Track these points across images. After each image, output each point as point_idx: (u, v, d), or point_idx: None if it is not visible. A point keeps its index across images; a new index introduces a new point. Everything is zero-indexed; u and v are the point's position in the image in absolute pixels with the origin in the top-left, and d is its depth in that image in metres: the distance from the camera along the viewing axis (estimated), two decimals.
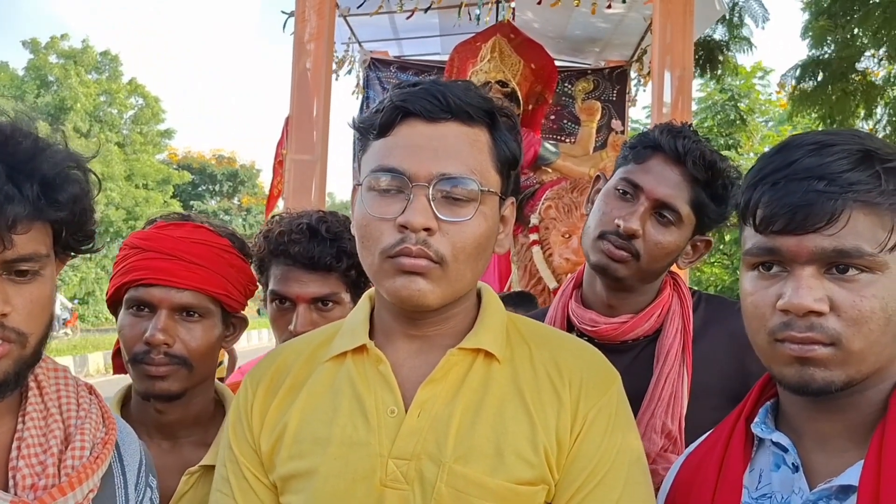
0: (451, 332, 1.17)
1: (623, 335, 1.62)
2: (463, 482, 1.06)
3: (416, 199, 1.06)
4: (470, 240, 1.09)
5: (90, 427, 1.04)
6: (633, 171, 1.59)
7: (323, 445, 1.11)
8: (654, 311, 1.63)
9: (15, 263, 0.93)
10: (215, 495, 1.21)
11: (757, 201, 0.99)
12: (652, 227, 1.56)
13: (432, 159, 1.08)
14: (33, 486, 0.95)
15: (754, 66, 15.83)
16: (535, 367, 1.16)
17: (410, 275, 1.07)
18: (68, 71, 27.07)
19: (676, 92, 4.85)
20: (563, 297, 1.74)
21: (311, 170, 4.59)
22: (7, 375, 0.93)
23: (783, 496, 1.03)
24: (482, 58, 5.01)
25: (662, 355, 1.59)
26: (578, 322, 1.66)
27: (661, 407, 1.55)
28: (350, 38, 6.27)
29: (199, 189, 31.30)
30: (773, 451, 1.07)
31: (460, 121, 1.11)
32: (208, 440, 1.49)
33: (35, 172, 0.91)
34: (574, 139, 5.78)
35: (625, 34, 6.09)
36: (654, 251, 1.57)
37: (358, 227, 1.14)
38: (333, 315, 1.72)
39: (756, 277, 1.02)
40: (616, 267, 1.57)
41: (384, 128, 1.13)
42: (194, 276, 1.43)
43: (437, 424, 1.09)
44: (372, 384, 1.14)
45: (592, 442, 1.10)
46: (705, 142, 1.61)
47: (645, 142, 1.61)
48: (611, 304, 1.65)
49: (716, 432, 1.17)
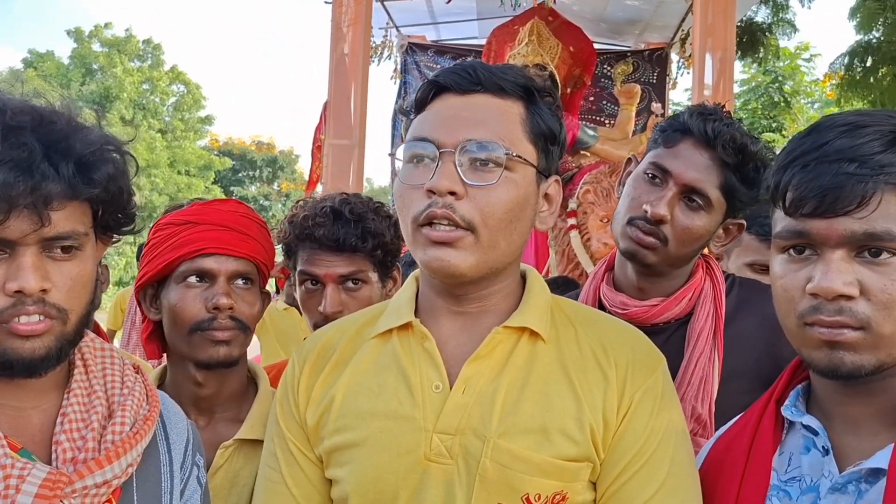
0: (495, 310, 1.18)
1: (653, 318, 1.61)
2: (508, 457, 1.07)
3: (444, 165, 1.08)
4: (497, 205, 1.09)
5: (132, 403, 1.07)
6: (662, 155, 1.58)
7: (368, 419, 1.14)
8: (686, 295, 1.61)
9: (54, 241, 0.95)
10: (264, 469, 1.24)
11: (787, 184, 0.98)
12: (680, 211, 1.55)
13: (460, 126, 1.10)
14: (73, 460, 0.98)
15: (799, 47, 15.47)
16: (581, 347, 1.16)
17: (440, 245, 1.09)
18: (112, 59, 27.48)
19: (718, 74, 4.78)
20: (594, 280, 1.74)
21: (348, 154, 4.62)
22: (49, 351, 0.96)
23: (812, 479, 1.02)
24: (520, 41, 4.98)
25: (693, 338, 1.57)
26: (609, 305, 1.66)
27: (692, 390, 1.53)
28: (388, 23, 6.27)
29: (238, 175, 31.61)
30: (804, 434, 1.06)
31: (491, 93, 1.13)
32: (242, 416, 1.53)
33: (70, 151, 0.94)
34: (613, 121, 5.72)
35: (665, 15, 6.01)
36: (683, 236, 1.55)
37: (396, 199, 1.17)
38: (362, 294, 1.74)
39: (786, 261, 1.01)
40: (645, 253, 1.56)
41: (420, 104, 1.17)
42: (246, 245, 1.50)
43: (482, 400, 1.11)
44: (417, 360, 1.15)
45: (639, 422, 1.11)
46: (738, 124, 1.58)
47: (675, 125, 1.59)
48: (641, 288, 1.64)
49: (746, 415, 1.16)
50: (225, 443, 1.48)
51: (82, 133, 0.97)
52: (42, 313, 0.95)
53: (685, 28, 5.97)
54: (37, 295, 0.94)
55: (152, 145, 25.81)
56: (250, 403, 1.55)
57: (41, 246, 0.95)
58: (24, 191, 0.89)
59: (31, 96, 0.99)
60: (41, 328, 0.95)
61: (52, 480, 0.93)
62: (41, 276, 0.94)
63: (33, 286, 0.93)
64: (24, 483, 0.91)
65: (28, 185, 0.90)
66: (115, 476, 0.99)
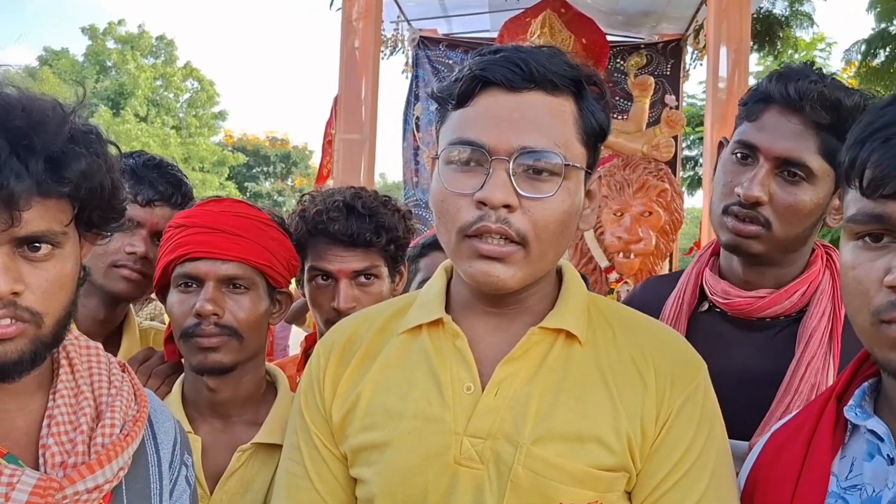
0: (532, 310, 1.13)
1: (759, 311, 1.43)
2: (541, 465, 1.03)
3: (496, 174, 1.02)
4: (553, 218, 1.04)
5: (121, 404, 1.03)
6: (747, 130, 1.40)
7: (396, 419, 1.10)
8: (799, 288, 1.42)
9: (28, 241, 0.91)
10: (286, 463, 1.21)
11: (865, 160, 0.87)
12: (779, 188, 1.36)
13: (513, 131, 1.03)
14: (62, 464, 0.95)
15: (814, 38, 15.30)
16: (619, 351, 1.11)
17: (489, 260, 1.04)
18: (125, 56, 27.62)
19: (733, 65, 4.72)
20: (698, 263, 1.57)
21: (359, 149, 4.60)
22: (22, 355, 0.92)
23: (874, 489, 0.92)
24: (532, 34, 4.94)
25: (805, 339, 1.39)
26: (710, 293, 1.49)
27: (800, 400, 1.34)
28: (398, 17, 6.24)
29: (253, 171, 31.67)
30: (868, 440, 0.96)
31: (544, 90, 1.05)
32: (259, 420, 1.51)
33: (38, 146, 0.89)
34: (626, 116, 5.67)
35: (679, 7, 5.94)
36: (787, 215, 1.36)
37: (434, 202, 1.10)
38: (374, 290, 1.72)
39: (860, 248, 0.90)
40: (748, 243, 1.39)
41: (463, 97, 1.08)
42: (237, 247, 1.44)
43: (515, 404, 1.07)
44: (448, 359, 1.11)
45: (678, 433, 1.06)
46: (830, 78, 1.38)
47: (756, 95, 1.42)
48: (748, 280, 1.46)
49: (803, 413, 1.07)
50: (242, 446, 1.45)
51: (52, 126, 0.91)
52: (13, 317, 0.91)
53: (699, 19, 5.90)
54: (7, 298, 0.89)
55: (166, 142, 25.91)
56: (268, 406, 1.53)
57: (13, 246, 0.90)
58: None
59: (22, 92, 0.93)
60: (12, 332, 0.91)
61: (43, 487, 0.90)
62: (12, 277, 0.90)
63: (2, 289, 0.88)
64: (14, 491, 0.88)
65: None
66: (107, 480, 0.96)
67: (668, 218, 4.71)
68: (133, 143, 21.22)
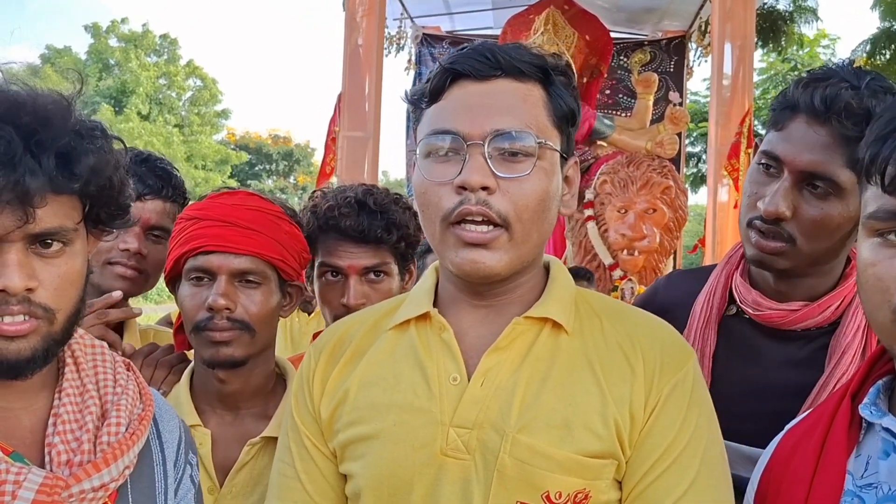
0: (518, 302, 1.14)
1: (792, 324, 1.37)
2: (528, 453, 1.03)
3: (472, 158, 1.04)
4: (532, 197, 1.05)
5: (126, 403, 1.03)
6: (772, 140, 1.33)
7: (383, 411, 1.10)
8: (833, 302, 1.35)
9: (41, 237, 0.91)
10: (277, 464, 1.21)
11: (886, 157, 0.84)
12: (805, 202, 1.28)
13: (485, 116, 1.05)
14: (69, 463, 0.95)
15: (818, 34, 15.28)
16: (607, 340, 1.11)
17: (474, 247, 1.05)
18: (128, 54, 27.64)
19: (737, 62, 4.72)
20: (728, 265, 1.50)
21: (363, 146, 4.61)
22: (35, 352, 0.92)
23: (890, 487, 0.91)
24: (535, 30, 4.94)
25: (837, 354, 1.32)
26: (740, 300, 1.43)
27: None
28: (402, 14, 6.25)
29: (255, 168, 31.69)
30: (883, 438, 0.93)
31: (512, 77, 1.08)
32: (269, 413, 1.51)
33: (49, 143, 0.89)
34: (630, 113, 5.67)
35: (682, 3, 5.95)
36: (813, 230, 1.29)
37: (417, 195, 1.11)
38: (383, 287, 1.71)
39: (880, 245, 0.88)
40: (773, 259, 1.33)
41: (435, 93, 1.11)
42: (250, 241, 1.44)
43: (501, 393, 1.07)
44: (434, 351, 1.12)
45: (668, 419, 1.06)
46: (866, 80, 1.27)
47: (783, 102, 1.34)
48: (780, 290, 1.39)
49: (817, 411, 1.06)
50: (252, 440, 1.45)
51: (57, 120, 0.91)
52: (27, 313, 0.91)
53: (703, 16, 5.89)
54: (22, 294, 0.90)
55: (169, 140, 25.93)
56: (278, 399, 1.53)
57: (27, 242, 0.91)
58: (5, 186, 0.85)
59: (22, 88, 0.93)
60: (26, 328, 0.91)
61: (50, 485, 0.89)
62: (26, 274, 0.90)
63: (17, 285, 0.89)
64: (21, 489, 0.88)
65: (10, 180, 0.85)
66: (113, 479, 0.96)
67: (673, 215, 4.71)
68: (136, 142, 21.21)
